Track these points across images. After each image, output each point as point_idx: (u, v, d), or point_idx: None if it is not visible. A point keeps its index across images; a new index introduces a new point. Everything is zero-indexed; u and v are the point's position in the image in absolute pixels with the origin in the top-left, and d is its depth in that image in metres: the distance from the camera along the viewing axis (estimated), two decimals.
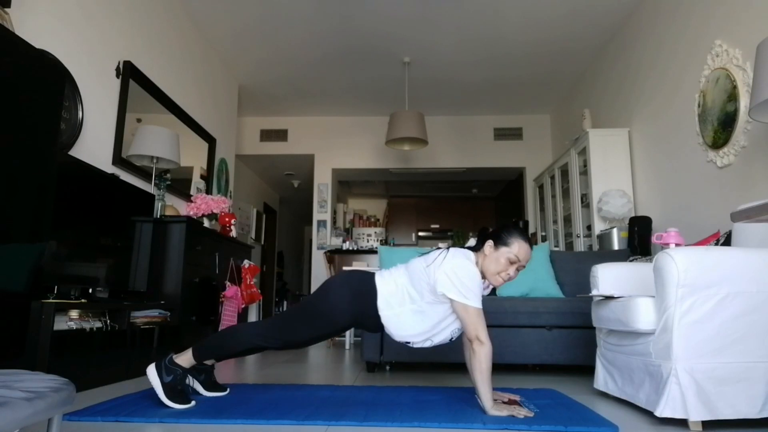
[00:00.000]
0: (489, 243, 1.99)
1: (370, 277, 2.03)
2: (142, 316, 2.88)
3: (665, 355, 1.76)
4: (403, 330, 1.96)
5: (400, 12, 4.34)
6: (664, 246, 2.09)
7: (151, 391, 1.96)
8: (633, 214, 4.16)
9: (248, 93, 6.00)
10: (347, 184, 8.66)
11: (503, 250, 1.95)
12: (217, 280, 3.81)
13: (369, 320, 1.99)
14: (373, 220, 9.02)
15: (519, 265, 1.96)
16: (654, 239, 2.17)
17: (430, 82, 5.73)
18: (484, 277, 1.98)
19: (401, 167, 6.79)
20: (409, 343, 2.00)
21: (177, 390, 1.94)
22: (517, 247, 1.94)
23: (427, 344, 2.00)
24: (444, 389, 2.37)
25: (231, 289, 3.89)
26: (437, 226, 9.24)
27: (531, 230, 6.25)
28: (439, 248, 2.02)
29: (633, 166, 4.32)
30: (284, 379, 2.77)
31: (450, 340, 2.02)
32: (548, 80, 5.68)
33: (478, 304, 1.87)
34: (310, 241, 6.99)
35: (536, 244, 5.11)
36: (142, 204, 3.14)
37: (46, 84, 2.09)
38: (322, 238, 6.60)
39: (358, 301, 1.97)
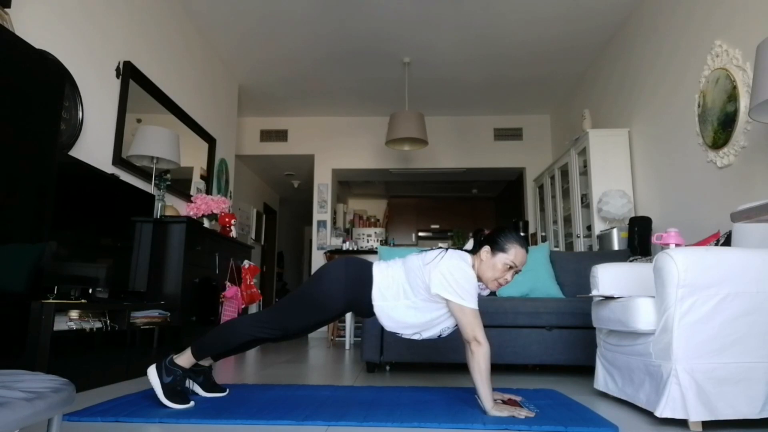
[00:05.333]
0: (486, 248, 2.00)
1: (367, 266, 2.05)
2: (142, 317, 2.88)
3: (665, 356, 1.76)
4: (394, 322, 1.99)
5: (400, 12, 4.34)
6: (664, 246, 2.09)
7: (151, 392, 1.97)
8: (633, 215, 4.16)
9: (248, 93, 6.00)
10: (347, 184, 8.65)
11: (501, 256, 1.96)
12: (217, 280, 3.81)
13: (362, 307, 2.03)
14: (373, 220, 9.01)
15: (516, 270, 1.97)
16: (654, 239, 2.17)
17: (430, 82, 5.72)
18: (480, 280, 2.00)
19: (401, 167, 6.79)
20: (398, 333, 2.04)
21: (176, 390, 1.94)
22: (514, 254, 1.96)
23: (416, 337, 2.04)
24: (444, 389, 2.37)
25: (231, 290, 3.89)
26: (437, 226, 9.23)
27: (531, 230, 6.24)
28: (439, 248, 2.03)
29: (633, 167, 4.32)
30: (284, 379, 2.77)
31: (439, 336, 2.04)
32: (548, 80, 5.67)
33: (474, 305, 1.88)
34: (310, 241, 6.99)
35: (536, 244, 5.12)
36: (142, 204, 3.15)
37: (46, 84, 2.09)
38: (322, 239, 6.60)
39: (352, 288, 1.99)
